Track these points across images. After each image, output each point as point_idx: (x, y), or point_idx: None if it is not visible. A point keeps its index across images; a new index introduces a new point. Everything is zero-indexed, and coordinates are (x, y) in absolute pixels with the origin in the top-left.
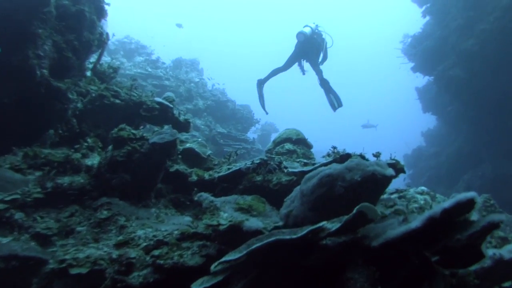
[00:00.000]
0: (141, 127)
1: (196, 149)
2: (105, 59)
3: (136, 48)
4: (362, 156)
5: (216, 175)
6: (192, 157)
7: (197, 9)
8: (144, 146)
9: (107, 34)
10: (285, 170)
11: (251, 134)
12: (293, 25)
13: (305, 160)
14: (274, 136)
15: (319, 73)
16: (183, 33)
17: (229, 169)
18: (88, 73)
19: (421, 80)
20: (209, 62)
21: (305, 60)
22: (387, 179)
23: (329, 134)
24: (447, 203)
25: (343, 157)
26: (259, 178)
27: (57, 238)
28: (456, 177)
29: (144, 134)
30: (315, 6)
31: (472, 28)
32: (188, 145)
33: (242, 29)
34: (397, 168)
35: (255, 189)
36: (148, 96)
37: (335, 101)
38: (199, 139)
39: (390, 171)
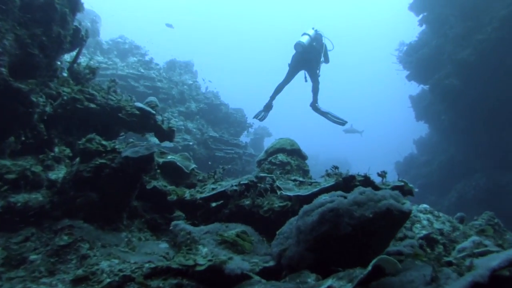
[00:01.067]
0: (122, 134)
1: (178, 163)
2: (98, 58)
3: (130, 49)
4: (367, 178)
5: (199, 195)
6: (174, 172)
7: (193, 11)
8: (116, 160)
9: (86, 31)
10: (278, 192)
11: (244, 138)
12: (290, 29)
13: (300, 179)
14: (267, 141)
15: (316, 83)
16: (178, 35)
17: (213, 189)
18: (65, 74)
19: (415, 88)
20: (204, 65)
21: (305, 71)
22: (405, 216)
23: (322, 139)
24: (496, 261)
25: (347, 180)
26: (247, 202)
27: (3, 269)
28: (448, 186)
29: (117, 146)
30: (310, 12)
31: (469, 38)
32: (170, 157)
33: (237, 32)
34: (405, 190)
35: (242, 215)
36: (128, 101)
37: (336, 119)
38: (184, 153)
39: (408, 206)
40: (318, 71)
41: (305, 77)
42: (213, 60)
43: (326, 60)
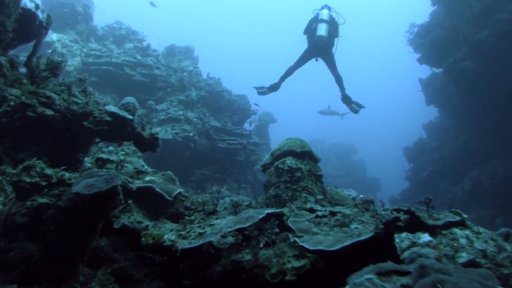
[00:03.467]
0: (97, 141)
1: (157, 189)
2: (92, 45)
3: (126, 34)
4: (413, 215)
5: (180, 243)
6: (153, 199)
7: None
8: (65, 197)
9: (48, 17)
10: (291, 238)
11: (248, 125)
12: (294, 13)
13: (318, 208)
14: (271, 127)
15: (335, 71)
16: (178, 21)
17: (200, 234)
18: (23, 70)
19: (425, 71)
20: (205, 50)
21: (321, 58)
22: None
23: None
24: None
25: (389, 225)
26: (247, 257)
27: None
28: (461, 173)
29: (67, 176)
30: None
31: (488, 18)
32: (148, 178)
33: (240, 17)
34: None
35: (240, 279)
36: (97, 104)
37: (356, 107)
38: (167, 172)
39: None
40: (333, 54)
41: (316, 58)
42: (214, 45)
43: (337, 34)
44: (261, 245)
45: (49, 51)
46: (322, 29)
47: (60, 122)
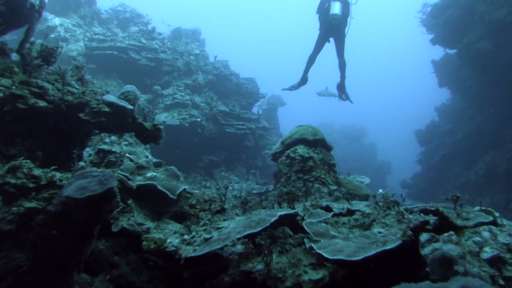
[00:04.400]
0: (97, 132)
1: (159, 187)
2: (95, 29)
3: (131, 17)
4: (442, 216)
5: (184, 250)
6: (155, 198)
7: None
8: (55, 201)
9: (42, 0)
10: (307, 243)
11: (257, 110)
12: None
13: (335, 206)
14: (280, 111)
15: (342, 51)
16: (184, 3)
17: (205, 240)
18: (14, 57)
19: (438, 52)
20: (212, 32)
21: (333, 38)
22: None
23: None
24: None
25: (417, 230)
26: (259, 266)
27: None
28: (475, 157)
29: (58, 177)
30: None
31: None
32: (150, 174)
33: None
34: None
35: None
36: (95, 94)
37: (345, 97)
38: (170, 167)
39: None
40: (345, 35)
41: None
42: (222, 27)
43: (349, 14)
44: (274, 256)
45: (52, 35)
46: (336, 8)
47: (54, 114)
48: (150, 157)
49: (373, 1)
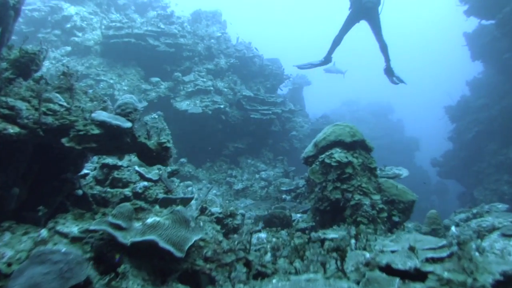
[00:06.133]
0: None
1: (160, 244)
2: (112, 16)
3: (149, 2)
4: None
5: None
6: (158, 252)
7: None
8: None
9: None
10: None
11: (281, 90)
12: None
13: (400, 265)
14: (306, 90)
15: (379, 32)
16: None
17: None
18: None
19: (469, 24)
20: (233, 13)
21: (367, 21)
22: None
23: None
24: None
25: None
26: None
27: None
28: None
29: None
30: None
31: None
32: (150, 220)
33: None
34: None
35: None
36: (82, 111)
37: (397, 80)
38: (178, 208)
39: None
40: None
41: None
42: (242, 8)
43: None
44: None
45: (68, 25)
46: None
47: (29, 140)
48: (156, 174)
49: None
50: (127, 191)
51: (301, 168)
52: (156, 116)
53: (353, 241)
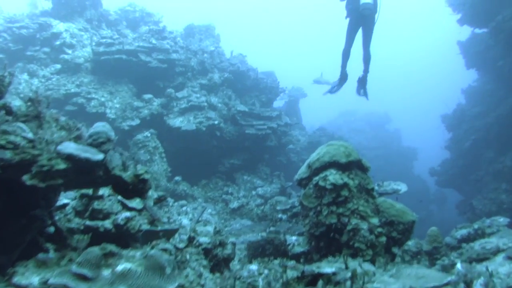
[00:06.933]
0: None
1: None
2: (103, 32)
3: (141, 17)
4: None
5: None
6: None
7: None
8: None
9: None
10: None
11: (276, 103)
12: None
13: None
14: (302, 103)
15: (368, 42)
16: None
17: None
18: None
19: (463, 33)
20: (227, 27)
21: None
22: None
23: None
24: None
25: None
26: None
27: None
28: (509, 141)
29: None
30: None
31: None
32: (120, 267)
33: None
34: None
35: None
36: (47, 143)
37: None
38: (152, 253)
39: None
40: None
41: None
42: (236, 22)
43: None
44: None
45: (57, 42)
46: None
47: None
48: (150, 192)
49: None
50: (107, 224)
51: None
52: (149, 135)
53: (349, 283)
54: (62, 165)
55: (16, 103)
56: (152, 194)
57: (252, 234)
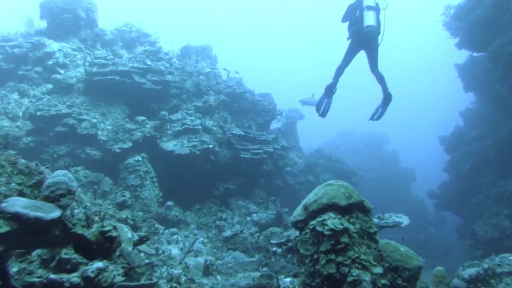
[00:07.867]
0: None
1: None
2: (97, 53)
3: (137, 37)
4: None
5: None
6: None
7: None
8: None
9: None
10: None
11: (273, 124)
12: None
13: None
14: (299, 125)
15: (376, 63)
16: (192, 20)
17: None
18: None
19: (461, 56)
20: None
21: (364, 51)
22: None
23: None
24: None
25: None
26: None
27: None
28: (509, 165)
29: None
30: None
31: None
32: None
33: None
34: None
35: None
36: None
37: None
38: None
39: None
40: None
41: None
42: (234, 42)
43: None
44: None
45: (50, 62)
46: (370, 18)
47: None
48: (130, 234)
49: (393, 4)
50: (74, 278)
51: (295, 207)
52: (140, 159)
53: None
54: (4, 228)
55: (4, 123)
56: (133, 236)
57: (243, 275)
